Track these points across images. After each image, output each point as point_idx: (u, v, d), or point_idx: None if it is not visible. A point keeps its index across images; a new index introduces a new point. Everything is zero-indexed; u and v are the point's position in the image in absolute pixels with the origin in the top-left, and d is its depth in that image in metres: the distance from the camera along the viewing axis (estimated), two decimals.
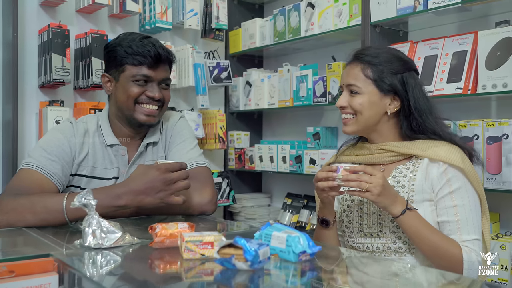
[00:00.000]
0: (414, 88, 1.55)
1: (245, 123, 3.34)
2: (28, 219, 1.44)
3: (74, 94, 2.63)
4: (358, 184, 1.40)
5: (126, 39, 1.68)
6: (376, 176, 1.40)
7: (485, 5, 2.08)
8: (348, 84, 1.58)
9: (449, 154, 1.48)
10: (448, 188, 1.47)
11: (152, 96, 1.67)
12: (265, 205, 3.33)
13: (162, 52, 1.66)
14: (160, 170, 1.43)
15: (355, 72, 1.57)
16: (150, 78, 1.66)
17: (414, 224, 1.42)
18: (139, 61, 1.64)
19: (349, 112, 1.58)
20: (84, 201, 1.17)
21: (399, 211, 1.42)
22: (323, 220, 1.59)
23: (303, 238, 1.07)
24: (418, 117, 1.54)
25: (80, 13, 2.65)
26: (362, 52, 1.60)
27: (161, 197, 1.44)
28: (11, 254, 1.15)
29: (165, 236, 1.16)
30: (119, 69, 1.67)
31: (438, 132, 1.55)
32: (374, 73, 1.55)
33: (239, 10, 3.30)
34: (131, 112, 1.68)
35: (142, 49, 1.63)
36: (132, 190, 1.43)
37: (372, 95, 1.55)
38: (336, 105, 1.62)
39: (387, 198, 1.41)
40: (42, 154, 1.61)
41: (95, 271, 1.05)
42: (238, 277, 0.97)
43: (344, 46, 2.80)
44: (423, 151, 1.52)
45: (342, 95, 1.60)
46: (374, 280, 1.06)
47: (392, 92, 1.55)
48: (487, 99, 2.14)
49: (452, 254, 1.41)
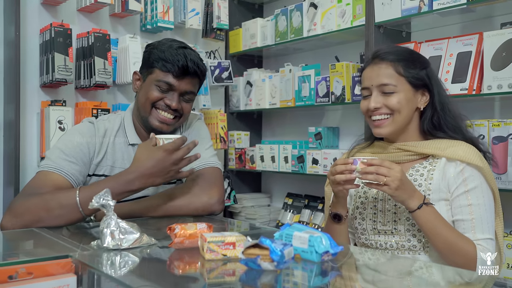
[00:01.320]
0: (437, 83, 1.58)
1: (245, 123, 3.34)
2: (43, 217, 1.43)
3: (76, 93, 2.61)
4: (376, 178, 1.40)
5: (165, 44, 1.69)
6: (394, 169, 1.40)
7: (489, 6, 2.09)
8: (380, 84, 1.55)
9: (468, 153, 1.49)
10: (464, 188, 1.48)
11: (169, 104, 1.67)
12: (265, 205, 3.33)
13: (190, 65, 1.65)
14: (167, 151, 1.48)
15: (387, 71, 1.55)
16: (172, 86, 1.67)
17: (430, 220, 1.42)
18: (167, 67, 1.65)
19: (384, 112, 1.56)
20: (102, 201, 1.16)
21: (415, 205, 1.42)
22: (335, 214, 1.59)
23: (325, 238, 1.08)
24: (441, 111, 1.56)
25: (81, 12, 2.63)
26: (385, 51, 1.59)
27: (171, 175, 1.52)
28: (28, 256, 1.13)
29: (185, 237, 1.15)
30: (149, 71, 1.70)
31: (459, 128, 1.57)
32: (405, 69, 1.54)
33: (239, 10, 3.30)
34: (147, 115, 1.70)
35: (173, 57, 1.64)
36: (143, 174, 1.48)
37: (407, 92, 1.55)
38: (368, 107, 1.57)
39: (404, 193, 1.41)
40: (60, 155, 1.60)
41: (119, 271, 1.04)
42: (263, 277, 0.97)
43: (346, 46, 2.82)
44: (441, 150, 1.53)
45: (372, 96, 1.57)
46: (401, 280, 1.06)
47: (422, 86, 1.56)
48: (490, 99, 2.16)
49: (467, 251, 1.41)
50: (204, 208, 1.69)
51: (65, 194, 1.46)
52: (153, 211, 1.62)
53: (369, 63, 1.61)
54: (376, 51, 1.62)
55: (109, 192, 1.18)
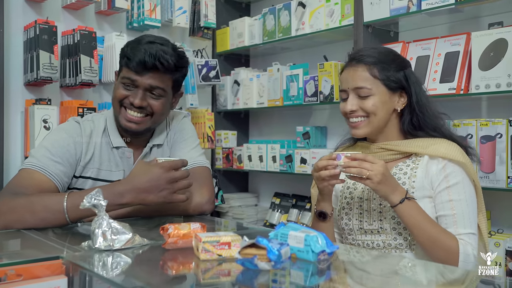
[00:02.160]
0: (415, 84, 1.58)
1: (231, 122, 3.32)
2: (27, 219, 1.39)
3: (61, 92, 2.57)
4: (359, 171, 1.41)
5: (137, 41, 1.64)
6: (377, 164, 1.41)
7: (476, 7, 2.11)
8: (356, 87, 1.56)
9: (449, 150, 1.51)
10: (446, 184, 1.50)
11: (132, 101, 1.61)
12: (252, 204, 3.32)
13: (148, 59, 1.57)
14: (163, 168, 1.40)
15: (362, 74, 1.55)
16: (135, 82, 1.61)
17: (413, 214, 1.43)
18: (127, 64, 1.61)
19: (360, 115, 1.57)
20: (94, 201, 1.14)
21: (398, 200, 1.43)
22: (320, 212, 1.59)
23: (321, 237, 1.07)
24: (420, 112, 1.56)
25: (66, 9, 2.58)
26: (362, 53, 1.59)
27: (164, 195, 1.42)
28: (16, 257, 1.10)
29: (178, 237, 1.14)
30: (120, 69, 1.66)
31: (438, 127, 1.58)
32: (380, 72, 1.55)
33: (225, 9, 3.28)
34: (117, 114, 1.66)
35: (133, 52, 1.59)
36: (135, 188, 1.40)
37: (383, 95, 1.55)
38: (344, 109, 1.59)
39: (387, 186, 1.42)
40: (45, 154, 1.56)
41: (112, 272, 1.02)
42: (260, 277, 0.96)
43: (334, 45, 2.82)
44: (423, 149, 1.54)
45: (349, 99, 1.57)
46: (398, 276, 1.06)
47: (399, 88, 1.57)
48: (478, 99, 2.18)
49: (449, 246, 1.43)
50: (194, 208, 1.68)
51: (53, 198, 1.42)
52: (143, 211, 1.60)
53: (347, 65, 1.61)
54: (354, 53, 1.62)
55: (101, 192, 1.15)
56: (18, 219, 1.39)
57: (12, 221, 1.39)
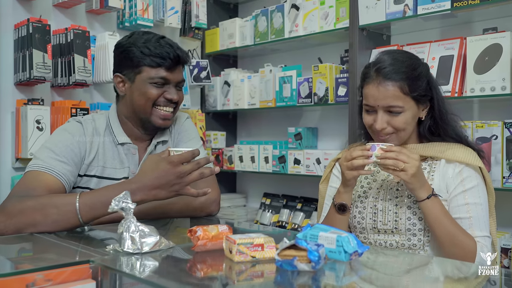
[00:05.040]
0: (436, 88, 1.60)
1: (220, 123, 3.32)
2: (38, 221, 1.36)
3: (51, 92, 2.51)
4: (395, 163, 1.43)
5: (141, 39, 1.63)
6: (413, 157, 1.44)
7: (469, 12, 2.18)
8: (388, 106, 1.53)
9: (467, 155, 1.55)
10: (462, 187, 1.53)
11: (170, 98, 1.64)
12: (241, 205, 3.33)
13: (181, 54, 1.63)
14: (172, 163, 1.37)
15: (394, 93, 1.52)
16: (168, 80, 1.63)
17: (436, 210, 1.47)
18: (157, 63, 1.60)
19: (389, 132, 1.56)
20: (122, 204, 1.13)
21: (425, 195, 1.47)
22: (341, 205, 1.59)
23: (352, 238, 1.09)
24: (439, 118, 1.59)
25: (57, 8, 2.53)
26: (387, 68, 1.53)
27: (176, 189, 1.39)
28: (43, 262, 1.08)
29: (208, 239, 1.14)
30: (135, 71, 1.63)
31: (455, 133, 1.61)
32: (410, 88, 1.52)
33: (214, 9, 3.28)
34: (148, 115, 1.65)
35: (160, 50, 1.59)
36: (146, 185, 1.38)
37: (413, 109, 1.55)
38: (374, 127, 1.56)
39: (418, 181, 1.46)
40: (50, 155, 1.53)
41: (150, 274, 1.02)
42: (300, 278, 0.97)
43: (326, 48, 2.86)
44: (441, 153, 1.58)
45: (379, 117, 1.54)
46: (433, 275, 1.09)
47: (426, 98, 1.58)
48: (470, 101, 2.25)
49: (468, 244, 1.47)
50: (202, 209, 1.69)
51: (64, 200, 1.40)
52: (151, 213, 1.58)
53: (372, 79, 1.55)
54: (379, 67, 1.55)
55: (129, 194, 1.14)
56: (30, 222, 1.36)
57: (23, 223, 1.36)
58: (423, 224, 1.53)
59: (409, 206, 1.56)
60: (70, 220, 1.38)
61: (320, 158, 2.61)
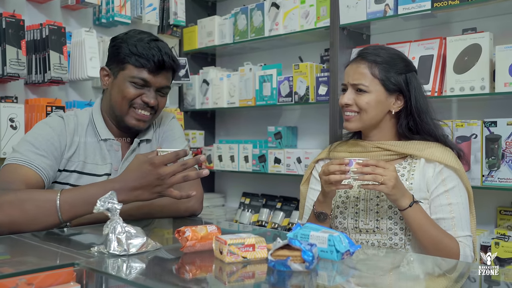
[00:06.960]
0: (416, 89, 1.61)
1: (198, 122, 3.29)
2: (16, 217, 1.31)
3: (25, 89, 2.44)
4: (373, 177, 1.43)
5: (134, 37, 1.60)
6: (390, 169, 1.44)
7: (448, 13, 2.21)
8: (354, 83, 1.61)
9: (445, 155, 1.57)
10: (443, 187, 1.55)
11: (147, 101, 1.59)
12: (220, 205, 3.30)
13: (166, 59, 1.58)
14: (153, 164, 1.33)
15: (362, 71, 1.60)
16: (148, 83, 1.59)
17: (419, 217, 1.47)
18: (141, 63, 1.56)
19: (353, 110, 1.62)
20: (108, 205, 1.09)
21: (407, 203, 1.47)
22: (320, 213, 1.60)
23: (343, 237, 1.08)
24: (417, 117, 1.61)
25: (31, 3, 2.45)
26: (368, 51, 1.63)
27: (158, 191, 1.36)
28: (25, 266, 1.04)
29: (197, 240, 1.11)
30: (120, 66, 1.60)
31: (434, 133, 1.62)
32: (381, 72, 1.59)
33: (192, 7, 3.23)
34: (123, 114, 1.62)
35: (147, 51, 1.56)
36: (128, 186, 1.35)
37: (379, 94, 1.60)
38: (341, 102, 1.64)
39: (399, 191, 1.45)
40: (29, 148, 1.49)
41: (139, 277, 0.98)
42: (292, 278, 0.96)
43: (306, 46, 2.85)
44: (420, 151, 1.59)
45: (347, 92, 1.63)
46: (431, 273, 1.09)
47: (397, 91, 1.61)
48: (448, 101, 2.28)
49: (451, 248, 1.48)
50: (186, 209, 1.66)
51: (44, 196, 1.35)
52: (134, 213, 1.55)
53: (354, 61, 1.66)
54: (363, 51, 1.66)
55: (115, 194, 1.11)
56: (5, 219, 1.31)
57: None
58: (404, 223, 1.54)
59: (390, 205, 1.56)
60: (49, 218, 1.33)
61: (301, 157, 2.61)
